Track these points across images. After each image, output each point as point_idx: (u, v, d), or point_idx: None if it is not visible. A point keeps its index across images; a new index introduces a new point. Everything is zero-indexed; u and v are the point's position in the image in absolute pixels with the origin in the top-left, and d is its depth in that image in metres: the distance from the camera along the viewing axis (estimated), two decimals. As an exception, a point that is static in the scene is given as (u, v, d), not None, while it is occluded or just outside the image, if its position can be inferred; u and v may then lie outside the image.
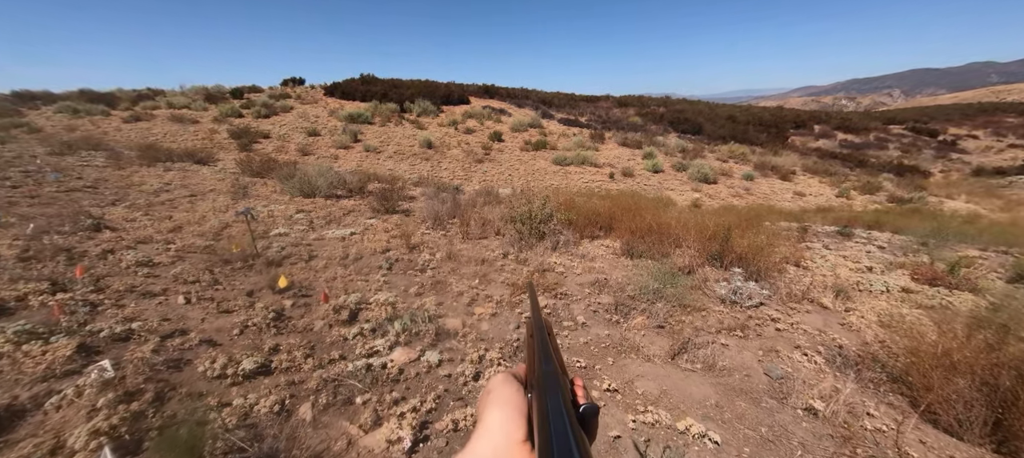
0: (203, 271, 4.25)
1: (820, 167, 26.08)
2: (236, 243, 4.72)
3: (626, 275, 5.72)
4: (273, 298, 3.93)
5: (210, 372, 2.56)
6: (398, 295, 4.32)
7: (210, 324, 3.26)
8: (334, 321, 3.51)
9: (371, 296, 4.14)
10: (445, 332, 3.56)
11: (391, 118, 24.40)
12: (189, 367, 2.65)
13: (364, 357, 2.98)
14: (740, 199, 19.08)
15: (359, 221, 7.68)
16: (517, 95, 33.65)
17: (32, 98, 23.84)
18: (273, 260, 4.98)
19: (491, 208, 9.43)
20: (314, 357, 2.92)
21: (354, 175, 13.92)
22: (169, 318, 3.27)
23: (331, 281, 4.49)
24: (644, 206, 8.46)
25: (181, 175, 10.79)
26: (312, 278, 4.56)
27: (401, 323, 3.39)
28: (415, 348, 3.19)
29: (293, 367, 2.77)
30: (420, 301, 4.20)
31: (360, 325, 3.40)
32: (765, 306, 4.87)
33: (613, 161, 21.65)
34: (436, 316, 3.87)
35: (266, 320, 3.34)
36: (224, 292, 3.91)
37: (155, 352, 2.71)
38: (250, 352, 2.83)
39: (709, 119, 32.45)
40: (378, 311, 3.70)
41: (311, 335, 3.27)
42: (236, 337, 3.11)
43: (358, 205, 9.13)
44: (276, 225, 6.70)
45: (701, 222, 7.42)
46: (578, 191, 16.11)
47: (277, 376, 2.67)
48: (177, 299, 3.58)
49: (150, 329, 2.98)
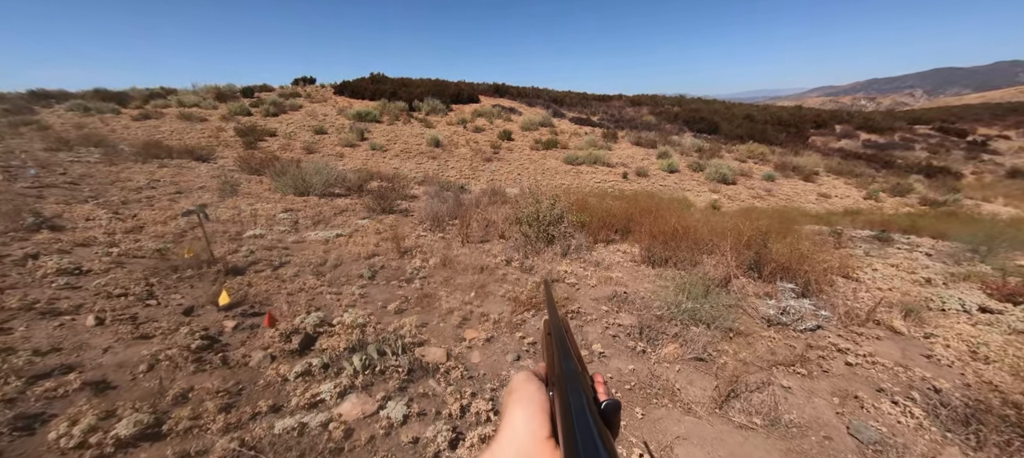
0: (138, 282, 3.48)
1: (844, 168, 24.67)
2: (188, 248, 3.94)
3: (650, 288, 4.80)
4: (215, 317, 3.13)
5: (65, 441, 1.75)
6: (373, 313, 3.49)
7: (113, 356, 2.46)
8: (279, 352, 2.69)
9: (338, 315, 3.31)
10: (422, 367, 2.71)
11: (399, 117, 23.72)
12: (44, 430, 1.85)
13: (302, 410, 2.14)
14: (761, 201, 17.92)
15: (350, 222, 6.89)
16: (528, 94, 32.72)
17: (47, 97, 23.74)
18: (236, 267, 4.20)
19: (496, 209, 8.58)
20: (233, 411, 2.10)
21: (357, 173, 13.23)
22: (61, 347, 2.48)
23: (294, 295, 3.68)
24: (665, 207, 7.52)
25: (175, 172, 10.17)
26: (275, 290, 3.76)
27: (363, 357, 2.55)
28: (375, 395, 2.34)
29: (196, 428, 1.95)
30: (399, 321, 3.36)
31: (310, 359, 2.57)
32: (823, 330, 3.92)
33: (626, 161, 20.63)
34: (414, 342, 3.02)
35: (188, 351, 2.53)
36: (154, 310, 3.12)
37: (6, 405, 1.92)
38: (141, 404, 2.01)
39: (726, 118, 31.11)
40: (340, 337, 2.87)
41: (242, 374, 2.45)
42: (139, 377, 2.30)
43: (353, 204, 8.36)
44: (255, 225, 5.94)
45: (732, 225, 6.47)
46: (591, 191, 15.17)
47: (165, 444, 1.85)
48: (86, 320, 2.80)
49: (17, 368, 2.19)
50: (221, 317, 3.10)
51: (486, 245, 6.19)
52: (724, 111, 33.22)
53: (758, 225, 6.05)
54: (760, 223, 6.48)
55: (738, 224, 6.38)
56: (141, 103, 23.27)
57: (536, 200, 6.47)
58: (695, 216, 8.20)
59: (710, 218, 8.73)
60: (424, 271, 4.78)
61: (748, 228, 5.98)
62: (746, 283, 5.05)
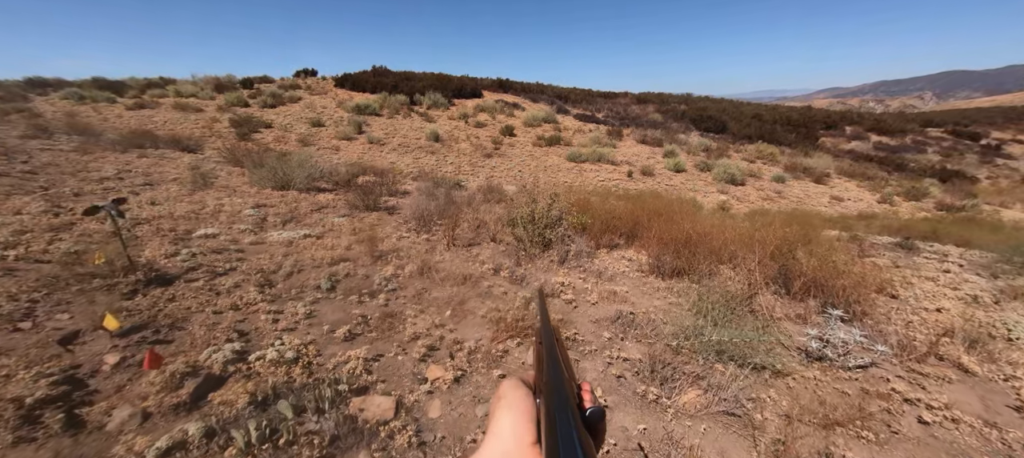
0: (21, 295, 2.74)
1: (856, 170, 23.69)
2: (98, 253, 3.20)
3: (661, 307, 4.02)
4: (98, 348, 2.38)
5: None
6: (314, 341, 2.73)
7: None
8: (158, 407, 1.94)
9: (267, 345, 2.56)
10: (356, 430, 1.95)
11: (400, 110, 22.95)
12: None
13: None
14: (771, 202, 17.03)
15: (326, 220, 6.14)
16: (532, 90, 31.80)
17: (44, 85, 23.17)
18: (165, 275, 3.46)
19: (491, 207, 7.81)
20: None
21: (349, 167, 12.50)
22: None
23: (220, 315, 2.93)
24: (675, 209, 6.72)
25: (153, 162, 9.46)
26: (198, 308, 3.01)
27: (266, 421, 1.79)
28: (269, 487, 1.59)
29: None
30: (344, 354, 2.60)
31: (190, 423, 1.81)
32: (878, 367, 3.12)
33: (631, 159, 19.77)
34: (355, 388, 2.27)
35: (20, 406, 1.79)
36: (22, 337, 2.38)
37: None
38: None
39: (734, 117, 30.08)
40: (249, 383, 2.11)
41: (86, 447, 1.70)
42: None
43: (336, 200, 7.62)
44: (214, 223, 5.20)
45: (753, 231, 5.66)
46: (594, 190, 14.36)
47: None
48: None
49: None
50: (106, 348, 2.36)
51: (474, 249, 5.43)
52: (732, 110, 32.17)
53: (784, 232, 5.23)
54: (778, 228, 5.67)
55: (759, 229, 5.57)
56: (138, 93, 22.64)
57: (532, 199, 5.69)
58: (708, 219, 7.39)
59: (726, 222, 7.94)
60: (396, 281, 4.02)
61: (772, 235, 5.17)
62: (773, 302, 4.25)
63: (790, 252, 5.06)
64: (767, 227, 5.24)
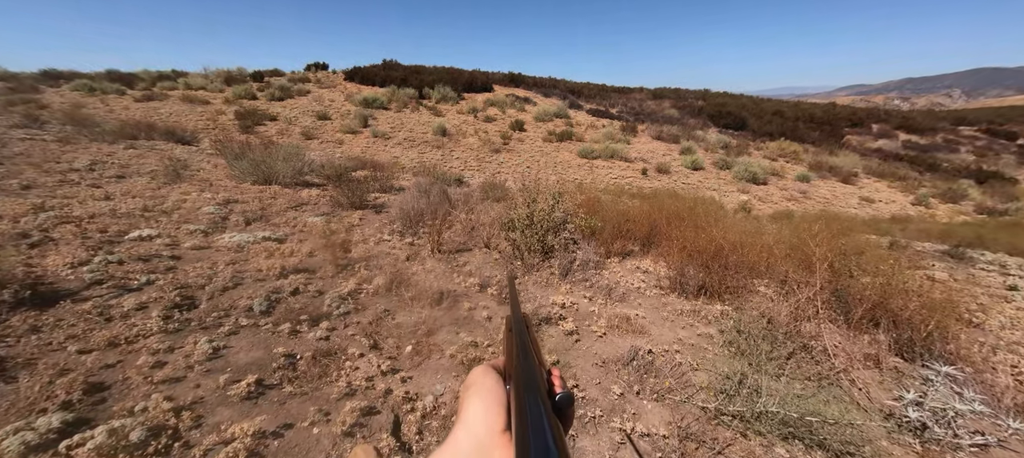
0: None
1: (886, 170, 22.12)
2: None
3: (687, 338, 3.10)
4: None
5: None
6: (197, 402, 1.89)
7: None
8: None
9: (118, 413, 1.73)
10: None
11: (408, 104, 22.19)
12: None
13: None
14: (796, 203, 15.78)
15: (298, 220, 5.35)
16: (544, 84, 30.72)
17: (58, 77, 23.04)
18: (52, 292, 2.68)
19: (491, 207, 6.93)
20: None
21: (349, 161, 11.77)
22: None
23: (84, 353, 2.12)
24: (698, 211, 5.73)
25: (138, 154, 8.81)
26: (67, 340, 2.21)
27: None
28: None
29: None
30: (228, 429, 1.75)
31: None
32: (1006, 448, 2.17)
33: (646, 155, 18.66)
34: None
35: None
36: None
37: None
38: None
39: (754, 114, 28.55)
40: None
41: None
42: None
43: (320, 197, 6.83)
44: (158, 222, 4.43)
45: (795, 238, 4.66)
46: (606, 188, 13.37)
47: None
48: None
49: None
50: None
51: (463, 256, 4.56)
52: (752, 106, 30.61)
53: (839, 243, 4.23)
54: (831, 238, 4.64)
55: (803, 236, 4.57)
56: (148, 85, 22.36)
57: (532, 198, 4.79)
58: (740, 225, 6.39)
59: (761, 229, 6.93)
60: (354, 300, 3.18)
61: (825, 245, 4.17)
62: (837, 337, 3.28)
63: (845, 267, 4.08)
64: (816, 235, 4.25)
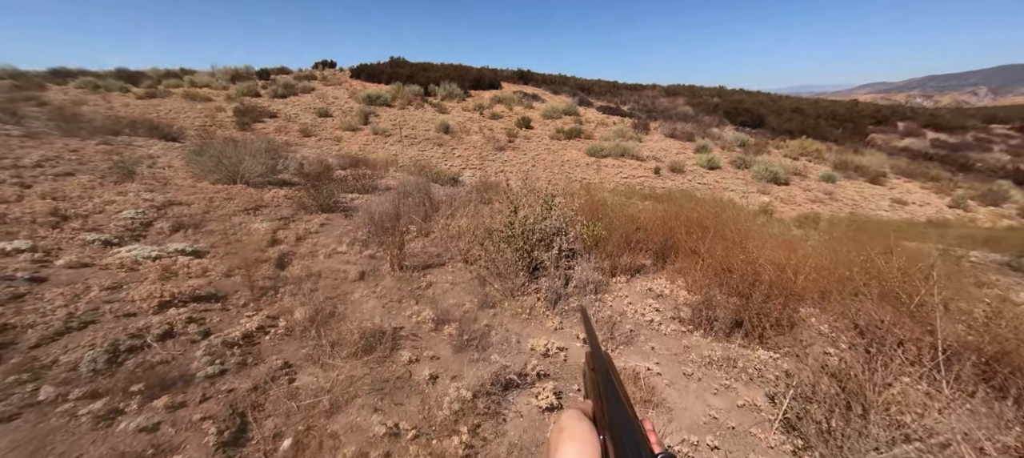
0: None
1: (915, 169, 20.52)
2: None
3: (721, 410, 2.09)
4: None
5: None
6: None
7: None
8: None
9: None
10: None
11: (413, 101, 21.37)
12: None
13: None
14: (822, 205, 14.48)
15: (245, 226, 4.47)
16: (554, 81, 29.61)
17: (67, 75, 22.79)
18: None
19: (480, 210, 5.97)
20: None
21: (342, 158, 10.95)
22: None
23: None
24: (726, 218, 4.67)
25: (108, 150, 8.07)
26: None
27: None
28: None
29: None
30: None
31: None
32: None
33: (659, 154, 17.49)
34: None
35: None
36: None
37: None
38: None
39: (772, 111, 27.02)
40: None
41: None
42: None
43: (289, 197, 5.96)
44: (44, 230, 3.58)
45: (857, 256, 3.60)
46: (615, 188, 12.29)
47: None
48: None
49: None
50: None
51: (429, 275, 3.61)
52: (770, 103, 29.03)
53: (919, 267, 3.16)
54: (903, 258, 3.55)
55: (868, 254, 3.50)
56: (154, 83, 21.96)
57: (514, 205, 3.81)
58: (781, 236, 5.31)
59: (808, 241, 5.87)
60: (248, 348, 2.26)
61: (893, 266, 3.11)
62: (922, 399, 2.23)
63: (928, 296, 3.01)
64: (889, 255, 3.19)
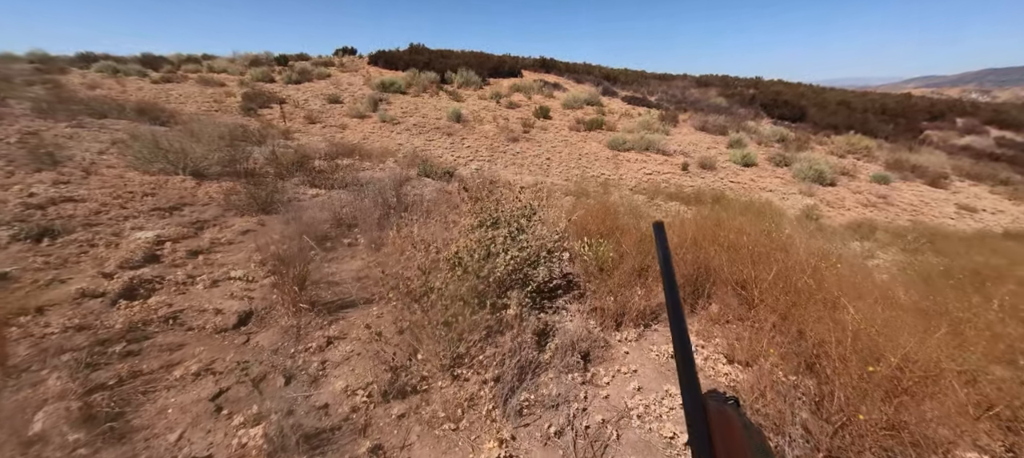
0: None
1: (982, 171, 17.93)
2: None
3: None
4: None
5: None
6: None
7: None
8: None
9: None
10: None
11: (428, 88, 20.26)
12: None
13: None
14: (876, 211, 12.52)
15: (123, 236, 3.40)
16: (577, 70, 27.87)
17: (92, 60, 22.83)
18: None
19: (448, 218, 4.73)
20: None
21: (335, 147, 9.94)
22: None
23: None
24: (784, 241, 3.27)
25: (67, 133, 7.28)
26: None
27: None
28: None
29: None
30: None
31: None
32: None
33: (688, 148, 15.77)
34: None
35: None
36: None
37: None
38: None
39: (815, 104, 24.47)
40: None
41: None
42: None
43: (229, 193, 4.89)
44: None
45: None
46: (636, 185, 10.80)
47: None
48: None
49: None
50: None
51: (342, 320, 2.42)
52: (812, 95, 26.39)
53: None
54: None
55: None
56: (174, 68, 21.69)
57: (481, 210, 2.55)
58: (852, 262, 3.87)
59: (866, 257, 4.38)
60: None
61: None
62: None
63: None
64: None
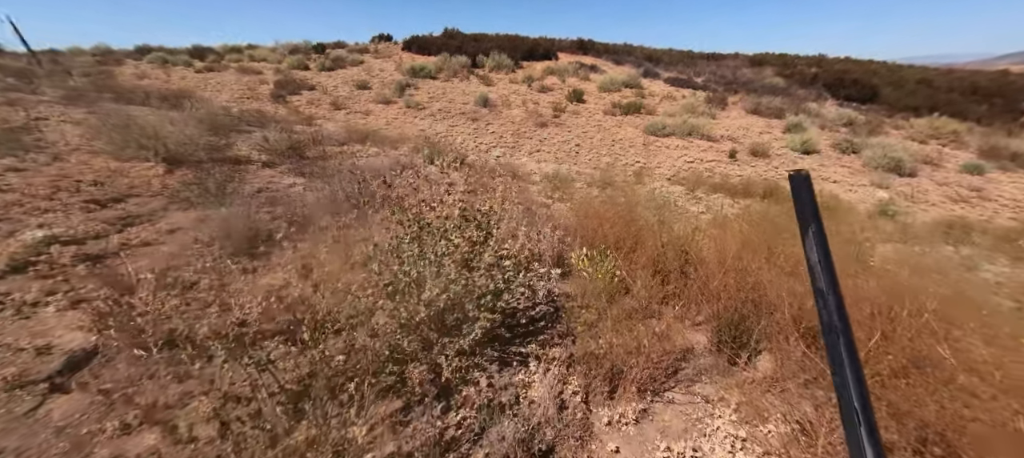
0: None
1: (1107, 159, 14.75)
2: None
3: None
4: None
5: None
6: None
7: None
8: None
9: None
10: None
11: (458, 73, 19.50)
12: None
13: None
14: (967, 206, 10.43)
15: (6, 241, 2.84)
16: (617, 51, 26.02)
17: (148, 52, 24.00)
18: None
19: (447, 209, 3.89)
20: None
21: (352, 133, 9.46)
22: None
23: None
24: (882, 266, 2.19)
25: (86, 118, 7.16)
26: None
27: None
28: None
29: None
30: None
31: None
32: None
33: (737, 133, 14.03)
34: None
35: None
36: None
37: None
38: None
39: (889, 83, 21.36)
40: None
41: None
42: None
43: (194, 180, 4.34)
44: None
45: None
46: (675, 175, 9.51)
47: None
48: None
49: None
50: None
51: (187, 380, 1.66)
52: (886, 73, 23.10)
53: None
54: None
55: None
56: (219, 57, 22.31)
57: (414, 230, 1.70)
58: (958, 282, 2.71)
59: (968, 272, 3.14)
60: None
61: None
62: None
63: None
64: None
